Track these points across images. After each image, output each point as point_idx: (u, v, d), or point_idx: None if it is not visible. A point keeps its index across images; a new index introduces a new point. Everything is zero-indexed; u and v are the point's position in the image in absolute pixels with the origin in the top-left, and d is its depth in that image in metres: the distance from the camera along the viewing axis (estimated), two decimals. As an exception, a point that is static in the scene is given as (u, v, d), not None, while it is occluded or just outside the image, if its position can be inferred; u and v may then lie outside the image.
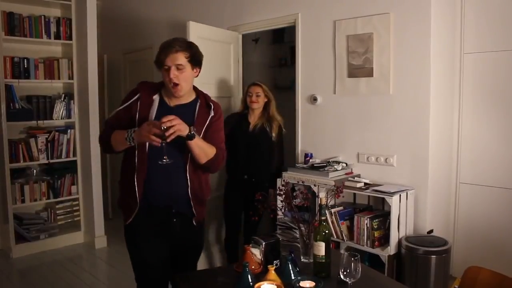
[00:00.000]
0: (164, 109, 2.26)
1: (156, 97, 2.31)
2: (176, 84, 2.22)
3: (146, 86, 2.35)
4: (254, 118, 3.81)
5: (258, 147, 3.78)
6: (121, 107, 2.32)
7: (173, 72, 2.19)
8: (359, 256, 1.86)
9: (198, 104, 2.37)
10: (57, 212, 5.14)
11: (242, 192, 3.80)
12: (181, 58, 2.21)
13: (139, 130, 2.12)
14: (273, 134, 3.77)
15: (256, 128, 3.77)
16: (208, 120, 2.35)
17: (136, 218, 2.31)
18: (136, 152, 2.25)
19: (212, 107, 2.38)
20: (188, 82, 2.27)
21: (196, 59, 2.28)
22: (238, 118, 3.84)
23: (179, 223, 2.35)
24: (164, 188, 2.30)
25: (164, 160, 2.13)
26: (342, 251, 3.20)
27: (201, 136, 2.28)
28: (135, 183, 2.26)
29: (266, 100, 3.80)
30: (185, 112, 2.28)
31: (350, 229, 3.38)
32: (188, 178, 2.32)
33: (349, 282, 1.86)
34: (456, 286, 2.17)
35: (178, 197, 2.33)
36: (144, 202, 2.28)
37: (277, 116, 3.83)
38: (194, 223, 2.42)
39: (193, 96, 2.39)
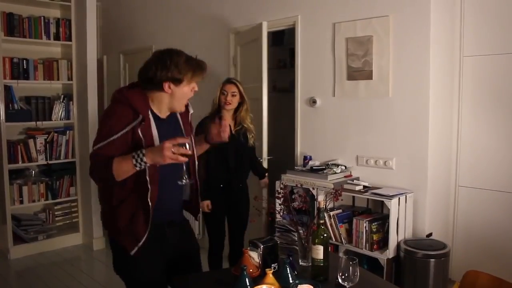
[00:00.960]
0: (160, 123, 2.12)
1: (149, 113, 2.10)
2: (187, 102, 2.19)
3: (139, 102, 2.07)
4: (229, 120, 3.44)
5: (245, 151, 3.52)
6: (118, 134, 2.00)
7: (195, 91, 2.16)
8: (357, 259, 1.86)
9: None
10: (56, 213, 5.13)
11: (225, 199, 3.48)
12: None
13: (158, 152, 1.92)
14: (251, 140, 3.53)
15: (240, 132, 3.46)
16: (190, 118, 2.31)
17: (142, 246, 2.10)
18: (148, 170, 2.02)
19: (189, 104, 2.30)
20: None
21: None
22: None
23: (174, 233, 2.24)
24: (167, 204, 2.20)
25: (184, 181, 2.09)
26: (340, 254, 3.19)
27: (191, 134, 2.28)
28: (149, 206, 2.05)
29: (240, 101, 3.46)
30: (172, 119, 2.22)
31: (349, 232, 3.38)
32: (183, 187, 2.27)
33: (347, 286, 1.85)
34: (455, 290, 2.17)
35: (176, 209, 2.30)
36: (150, 226, 2.11)
37: (250, 119, 3.52)
38: (186, 228, 2.39)
39: None
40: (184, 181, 2.08)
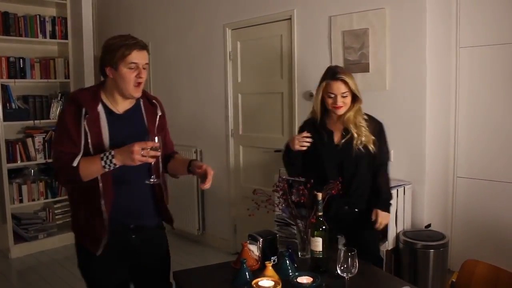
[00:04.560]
0: (114, 118, 2.08)
1: (100, 108, 2.05)
2: (139, 83, 2.06)
3: (86, 97, 2.05)
4: (337, 125, 2.69)
5: (358, 165, 2.63)
6: (70, 130, 1.99)
7: (142, 70, 2.04)
8: (356, 251, 1.87)
9: (141, 104, 2.21)
10: (55, 211, 5.14)
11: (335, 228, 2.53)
12: (147, 57, 2.09)
13: (128, 154, 1.90)
14: (357, 142, 2.61)
15: (351, 140, 2.61)
16: (157, 120, 2.22)
17: (104, 248, 2.08)
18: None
19: (158, 106, 2.24)
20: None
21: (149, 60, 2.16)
22: (314, 128, 2.70)
23: (142, 238, 2.19)
24: (131, 206, 2.14)
25: (152, 180, 2.07)
26: (340, 246, 3.20)
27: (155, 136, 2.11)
28: (103, 208, 2.03)
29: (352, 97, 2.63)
30: (133, 116, 2.16)
31: (348, 224, 3.38)
32: (155, 188, 2.21)
33: (346, 277, 1.86)
34: (454, 280, 2.18)
35: (144, 213, 2.20)
36: (110, 228, 2.08)
37: (360, 120, 2.67)
38: (173, 227, 2.35)
39: None
40: (152, 180, 2.06)
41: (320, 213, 2.11)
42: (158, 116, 2.23)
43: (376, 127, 2.71)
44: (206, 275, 2.21)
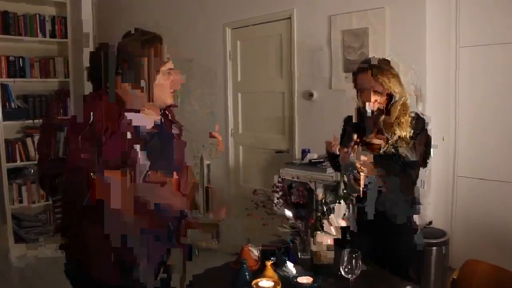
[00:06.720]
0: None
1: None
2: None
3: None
4: (373, 123, 2.38)
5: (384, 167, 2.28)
6: None
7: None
8: (359, 252, 1.85)
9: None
10: (56, 210, 5.11)
11: (370, 236, 2.37)
12: None
13: None
14: (405, 152, 2.27)
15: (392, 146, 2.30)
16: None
17: None
18: None
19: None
20: None
21: None
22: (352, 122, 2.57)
23: None
24: None
25: None
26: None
27: None
28: None
29: (387, 95, 2.30)
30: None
31: (349, 224, 3.37)
32: None
33: (350, 279, 1.85)
34: (455, 277, 2.18)
35: None
36: None
37: (406, 119, 2.30)
38: None
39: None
40: None
41: (319, 214, 2.10)
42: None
43: (418, 127, 2.31)
44: (205, 276, 2.20)
